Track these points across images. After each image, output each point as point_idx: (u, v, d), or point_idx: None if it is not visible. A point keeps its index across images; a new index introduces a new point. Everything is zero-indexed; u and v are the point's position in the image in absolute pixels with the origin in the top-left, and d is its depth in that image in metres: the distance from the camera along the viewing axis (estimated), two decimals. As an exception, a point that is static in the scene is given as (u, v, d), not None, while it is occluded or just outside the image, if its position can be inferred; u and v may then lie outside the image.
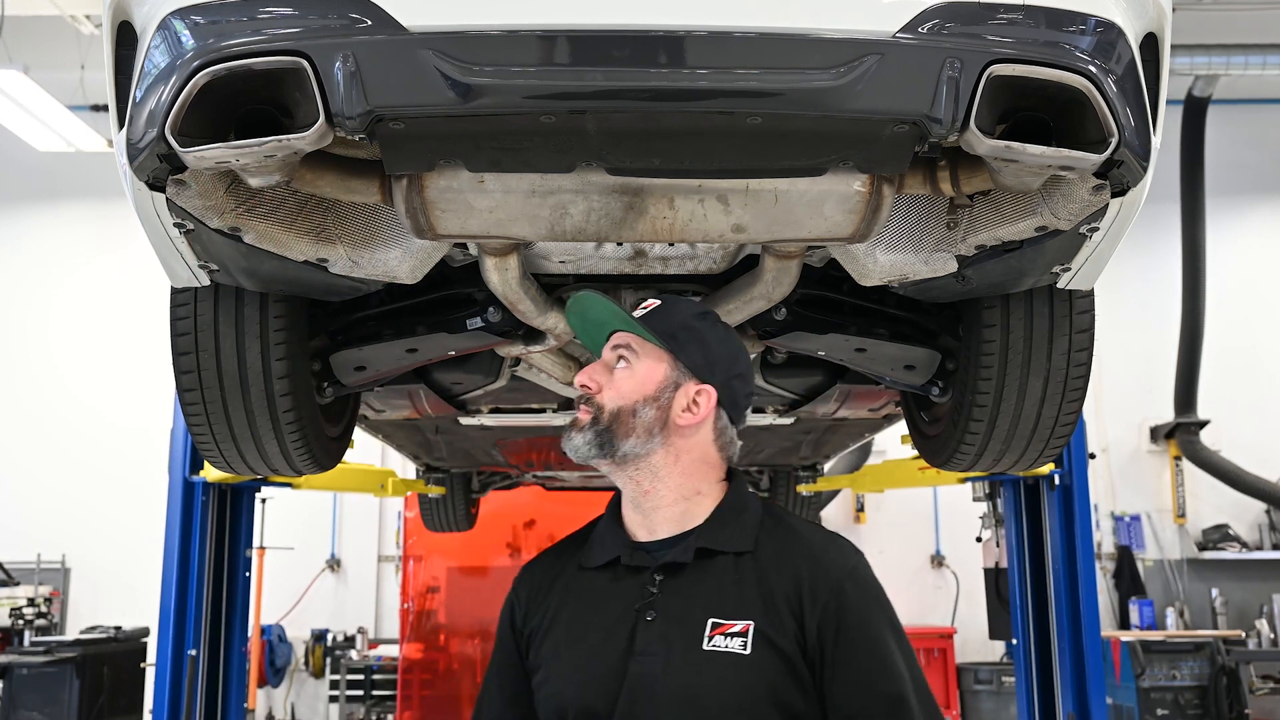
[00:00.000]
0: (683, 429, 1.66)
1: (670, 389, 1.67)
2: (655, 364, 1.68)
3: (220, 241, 1.95)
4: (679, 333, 1.70)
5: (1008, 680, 8.51)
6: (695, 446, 1.67)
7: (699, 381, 1.67)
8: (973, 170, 1.85)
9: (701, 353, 1.69)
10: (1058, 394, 2.46)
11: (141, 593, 6.60)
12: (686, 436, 1.66)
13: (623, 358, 1.70)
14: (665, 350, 1.68)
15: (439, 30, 1.57)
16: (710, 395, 1.67)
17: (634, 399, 1.66)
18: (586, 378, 1.70)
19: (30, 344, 10.19)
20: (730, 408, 1.70)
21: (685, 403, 1.66)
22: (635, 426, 1.65)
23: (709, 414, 1.67)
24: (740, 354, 1.75)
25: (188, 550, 4.87)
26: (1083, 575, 4.84)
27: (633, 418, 1.65)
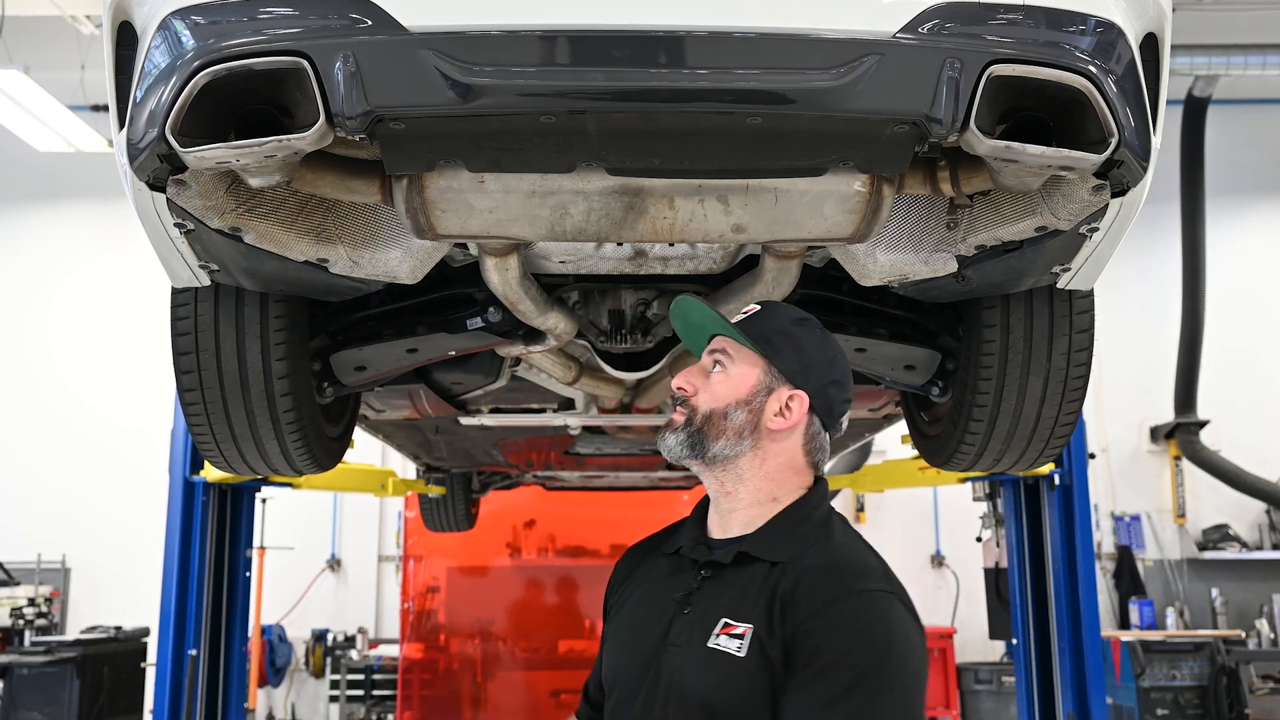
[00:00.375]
0: (774, 433, 1.66)
1: (763, 393, 1.67)
2: (749, 368, 1.69)
3: (220, 241, 1.95)
4: (775, 338, 1.70)
5: (1008, 680, 8.51)
6: (784, 451, 1.67)
7: (792, 387, 1.67)
8: (973, 170, 1.85)
9: (796, 358, 1.69)
10: (1058, 394, 2.46)
11: (141, 593, 6.60)
12: (777, 441, 1.67)
13: (718, 362, 1.71)
14: (760, 355, 1.69)
15: (439, 30, 1.57)
16: (803, 401, 1.67)
17: (726, 402, 1.67)
18: (684, 380, 1.72)
19: (30, 344, 10.19)
20: (824, 414, 1.69)
21: (778, 407, 1.66)
22: (726, 429, 1.66)
23: (800, 419, 1.67)
24: (836, 361, 1.73)
25: (188, 550, 4.87)
26: (1083, 575, 4.84)
27: (724, 420, 1.66)
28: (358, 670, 9.24)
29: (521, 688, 7.88)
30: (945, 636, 9.07)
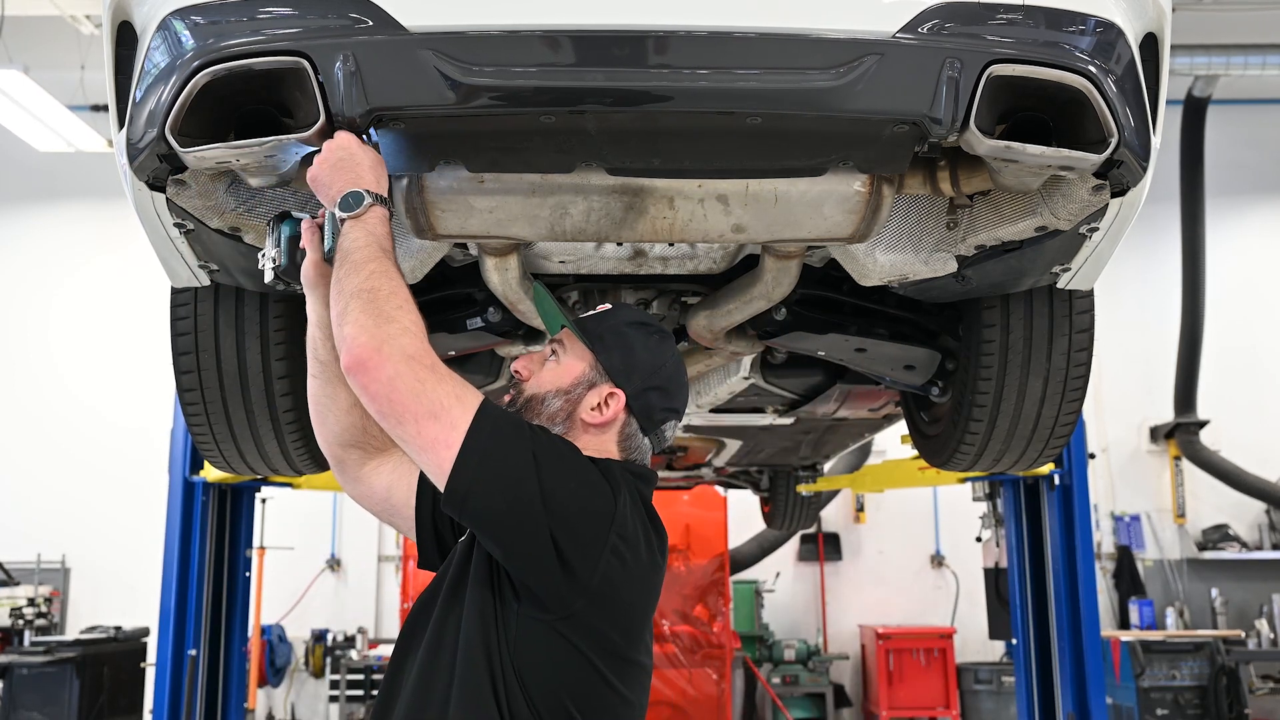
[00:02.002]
0: (588, 426, 1.68)
1: (584, 386, 1.69)
2: (577, 360, 1.72)
3: (220, 241, 1.95)
4: (608, 335, 1.73)
5: (1008, 680, 8.51)
6: (594, 443, 1.68)
7: (614, 385, 1.69)
8: (972, 170, 1.85)
9: (623, 358, 1.71)
10: (1058, 394, 2.46)
11: (141, 593, 6.60)
12: (590, 434, 1.68)
13: (554, 351, 1.75)
14: (589, 349, 1.72)
15: (439, 30, 1.57)
16: (619, 399, 1.69)
17: (547, 389, 1.71)
18: (522, 364, 1.76)
19: (30, 344, 10.19)
20: (642, 417, 1.71)
21: (596, 402, 1.68)
22: (540, 413, 1.69)
23: (615, 417, 1.69)
24: (665, 368, 1.74)
25: (188, 550, 4.88)
26: (1082, 575, 4.85)
27: (541, 405, 1.70)
28: (357, 670, 9.23)
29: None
30: (945, 636, 9.07)
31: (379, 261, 1.57)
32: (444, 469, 1.47)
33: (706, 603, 8.15)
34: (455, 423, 1.48)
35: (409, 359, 1.49)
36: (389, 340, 1.49)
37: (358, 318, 1.51)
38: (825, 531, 10.07)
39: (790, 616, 10.02)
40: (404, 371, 1.48)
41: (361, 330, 1.50)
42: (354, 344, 1.49)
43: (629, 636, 1.58)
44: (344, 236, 1.59)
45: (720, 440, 4.44)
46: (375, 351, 1.48)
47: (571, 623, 1.52)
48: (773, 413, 3.60)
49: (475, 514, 1.50)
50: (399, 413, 1.49)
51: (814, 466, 5.87)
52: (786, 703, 9.04)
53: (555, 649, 1.52)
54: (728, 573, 8.34)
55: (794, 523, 7.06)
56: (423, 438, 1.48)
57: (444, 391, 1.49)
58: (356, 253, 1.57)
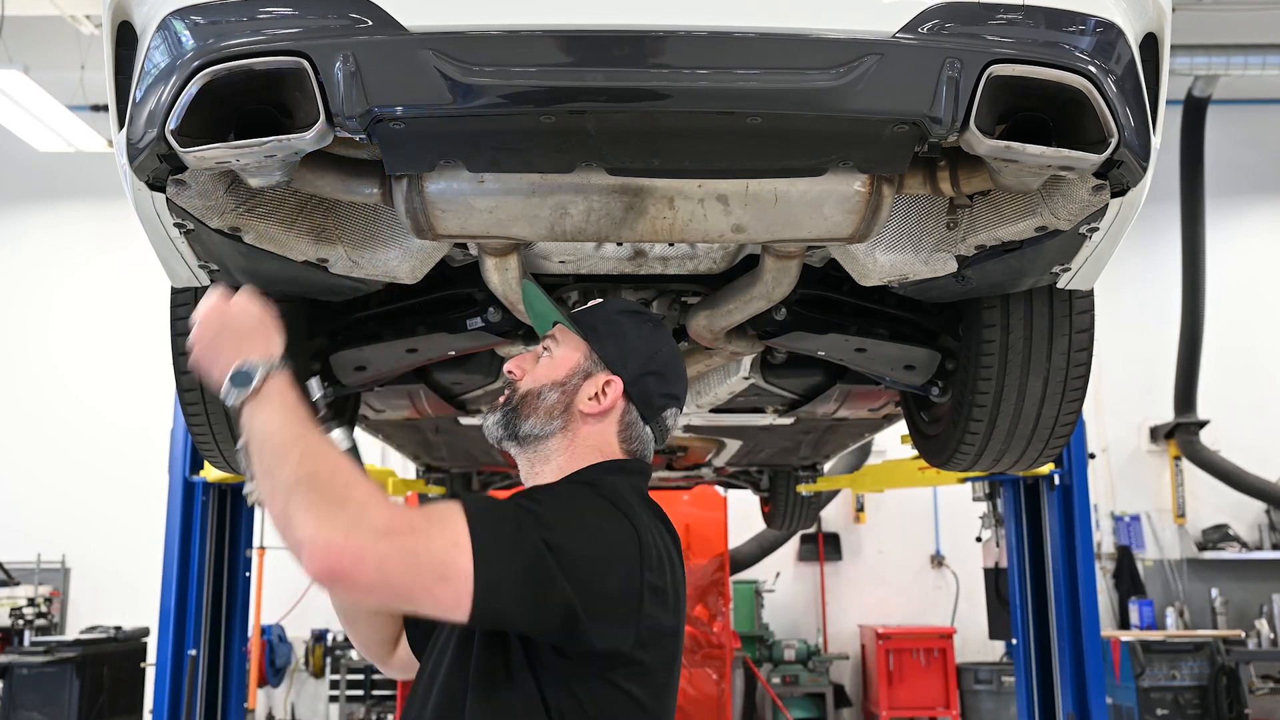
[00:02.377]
0: (587, 416, 1.65)
1: (579, 376, 1.67)
2: (571, 352, 1.69)
3: (220, 241, 1.95)
4: (600, 325, 1.72)
5: (1008, 680, 8.51)
6: (594, 435, 1.66)
7: (610, 373, 1.67)
8: (972, 170, 1.85)
9: (617, 345, 1.69)
10: (1058, 394, 2.46)
11: (141, 593, 6.60)
12: (589, 424, 1.65)
13: (547, 348, 1.73)
14: (583, 340, 1.70)
15: (439, 30, 1.57)
16: (617, 386, 1.66)
17: (542, 382, 1.67)
18: (515, 364, 1.73)
19: (30, 344, 10.19)
20: (641, 404, 1.68)
21: (593, 391, 1.66)
22: (538, 407, 1.66)
23: (614, 404, 1.66)
24: (660, 354, 1.72)
25: (188, 550, 4.87)
26: (1083, 575, 4.84)
27: (537, 399, 1.66)
28: (358, 670, 9.23)
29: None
30: (945, 636, 9.07)
31: (303, 441, 1.38)
32: (467, 613, 1.36)
33: (706, 603, 8.14)
34: (464, 572, 1.34)
35: (388, 535, 1.31)
36: (355, 527, 1.30)
37: (307, 516, 1.31)
38: (825, 531, 10.07)
39: (790, 616, 10.02)
40: (389, 553, 1.31)
41: (319, 530, 1.30)
42: (318, 550, 1.29)
43: (668, 666, 1.55)
44: (252, 418, 1.40)
45: (720, 440, 4.44)
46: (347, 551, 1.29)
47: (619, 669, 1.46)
48: (773, 413, 3.60)
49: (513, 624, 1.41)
50: (404, 595, 1.35)
51: (814, 466, 5.87)
52: (786, 703, 9.04)
53: (602, 696, 1.45)
54: (728, 573, 8.34)
55: (794, 523, 7.06)
56: (441, 605, 1.36)
57: (437, 547, 1.34)
58: (271, 436, 1.38)
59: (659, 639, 1.50)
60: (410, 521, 1.35)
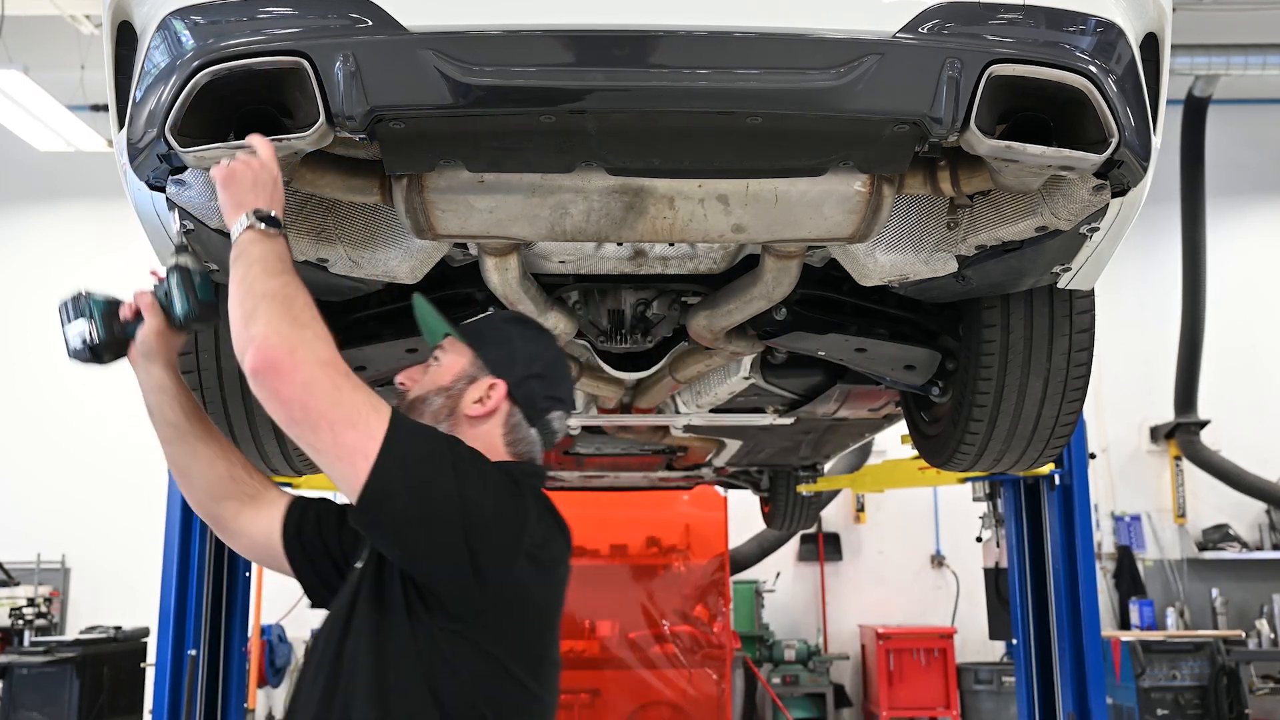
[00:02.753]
0: (472, 419, 1.70)
1: (464, 381, 1.72)
2: (457, 359, 1.75)
3: (220, 241, 1.95)
4: (486, 331, 1.78)
5: (1008, 680, 8.51)
6: (480, 437, 1.69)
7: (495, 377, 1.72)
8: (973, 170, 1.85)
9: (501, 349, 1.74)
10: (1058, 394, 2.46)
11: (141, 593, 6.59)
12: (475, 426, 1.70)
13: (435, 358, 1.77)
14: (469, 347, 1.74)
15: (439, 30, 1.57)
16: (501, 389, 1.71)
17: (428, 389, 1.73)
18: (404, 375, 1.78)
19: (30, 344, 10.17)
20: (526, 407, 1.73)
21: (478, 395, 1.71)
22: (424, 413, 1.70)
23: (498, 406, 1.71)
24: (543, 357, 1.78)
25: (188, 550, 4.87)
26: (1083, 575, 4.84)
27: (423, 405, 1.71)
28: (358, 670, 9.23)
29: (521, 688, 7.87)
30: (945, 636, 9.06)
31: (292, 275, 1.55)
32: (359, 477, 1.45)
33: (706, 603, 8.14)
34: (373, 432, 1.45)
35: (325, 365, 1.46)
36: (304, 344, 1.46)
37: (269, 319, 1.47)
38: (825, 531, 10.06)
39: (790, 616, 10.01)
40: (320, 377, 1.45)
41: (274, 332, 1.46)
42: (266, 344, 1.45)
43: (541, 637, 1.60)
44: (258, 241, 1.57)
45: (720, 440, 4.44)
46: (290, 354, 1.45)
47: (484, 629, 1.51)
48: (773, 413, 3.59)
49: (390, 518, 1.47)
50: (314, 419, 1.45)
51: (814, 466, 5.87)
52: (786, 703, 9.04)
53: (470, 659, 1.51)
54: (728, 573, 8.34)
55: (794, 523, 7.06)
56: (340, 446, 1.45)
57: (360, 400, 1.47)
58: (267, 261, 1.55)
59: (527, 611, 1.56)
60: (348, 371, 1.50)
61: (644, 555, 8.17)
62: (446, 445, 1.55)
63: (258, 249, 1.56)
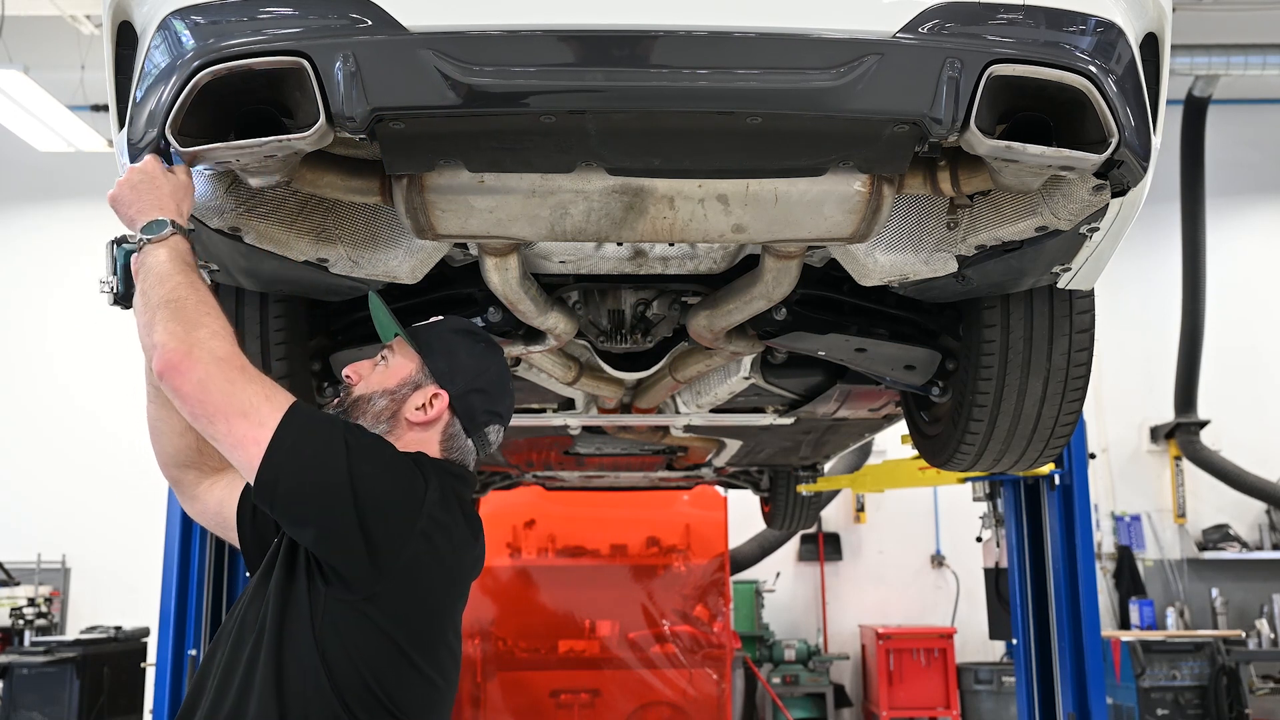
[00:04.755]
0: (412, 425, 1.77)
1: (410, 387, 1.79)
2: (405, 363, 1.81)
3: (220, 241, 1.95)
4: (435, 341, 1.83)
5: (1008, 680, 8.51)
6: (417, 441, 1.76)
7: (439, 386, 1.78)
8: (973, 170, 1.85)
9: (447, 361, 1.80)
10: (1058, 394, 2.46)
11: (141, 593, 6.60)
12: (414, 431, 1.78)
13: (384, 358, 1.83)
14: (417, 353, 1.81)
15: (439, 30, 1.57)
16: (443, 399, 1.78)
17: (374, 389, 1.80)
18: (352, 369, 1.84)
19: (30, 344, 10.19)
20: (465, 419, 1.80)
21: (421, 402, 1.78)
22: (367, 411, 1.78)
23: (439, 416, 1.78)
24: (488, 373, 1.84)
25: (188, 550, 4.87)
26: (1083, 575, 4.84)
27: (367, 404, 1.78)
28: (358, 670, 9.22)
29: (521, 688, 7.88)
30: (945, 636, 9.07)
31: (184, 274, 1.63)
32: (253, 463, 1.54)
33: (706, 603, 8.14)
34: (264, 420, 1.54)
35: (219, 361, 1.56)
36: (199, 344, 1.55)
37: (166, 324, 1.57)
38: (825, 531, 10.07)
39: (790, 616, 10.02)
40: (214, 373, 1.54)
41: (171, 336, 1.56)
42: (164, 349, 1.56)
43: (432, 620, 1.65)
44: (146, 255, 1.64)
45: (720, 440, 4.44)
46: (185, 355, 1.54)
47: (376, 603, 1.58)
48: (773, 413, 3.59)
49: (284, 499, 1.56)
50: (210, 412, 1.55)
51: (814, 466, 5.87)
52: (786, 703, 9.04)
53: (359, 630, 1.58)
54: (728, 573, 8.34)
55: (794, 523, 7.06)
56: (234, 435, 1.55)
57: (254, 391, 1.56)
58: (160, 266, 1.62)
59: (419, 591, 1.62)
60: (244, 364, 1.59)
61: (644, 555, 8.17)
62: (341, 429, 1.62)
63: (150, 260, 1.64)
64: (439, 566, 1.64)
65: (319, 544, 1.58)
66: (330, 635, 1.57)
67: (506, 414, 1.89)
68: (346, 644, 1.58)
